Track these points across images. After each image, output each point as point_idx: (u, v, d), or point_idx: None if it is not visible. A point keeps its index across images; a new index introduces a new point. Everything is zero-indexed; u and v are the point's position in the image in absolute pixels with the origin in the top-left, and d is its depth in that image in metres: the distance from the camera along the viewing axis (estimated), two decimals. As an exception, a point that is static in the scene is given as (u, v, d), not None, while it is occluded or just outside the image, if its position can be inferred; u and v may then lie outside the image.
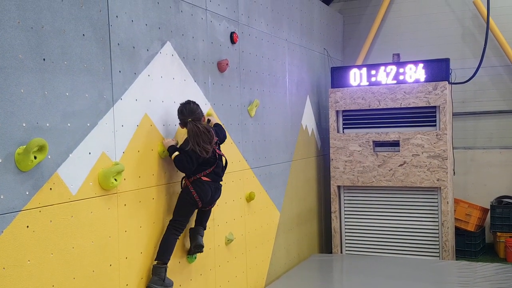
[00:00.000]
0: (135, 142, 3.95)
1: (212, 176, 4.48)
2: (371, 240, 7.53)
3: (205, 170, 4.39)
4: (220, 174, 4.61)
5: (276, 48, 6.56)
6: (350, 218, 7.68)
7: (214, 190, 4.53)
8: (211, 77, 5.08)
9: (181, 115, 4.32)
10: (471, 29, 8.66)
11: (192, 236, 4.58)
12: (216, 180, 4.55)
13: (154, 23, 4.20)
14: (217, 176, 4.55)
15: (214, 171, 4.49)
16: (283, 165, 6.75)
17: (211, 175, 4.46)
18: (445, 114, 6.93)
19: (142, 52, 4.05)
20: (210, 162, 4.43)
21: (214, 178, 4.52)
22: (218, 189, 4.61)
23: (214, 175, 4.50)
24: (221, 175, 4.62)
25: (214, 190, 4.53)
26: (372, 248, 7.52)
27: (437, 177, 7.00)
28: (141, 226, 4.01)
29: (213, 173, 4.48)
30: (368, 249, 7.55)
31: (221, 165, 4.62)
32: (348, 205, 7.70)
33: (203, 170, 4.39)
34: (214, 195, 4.57)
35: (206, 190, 4.41)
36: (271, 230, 6.39)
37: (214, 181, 4.50)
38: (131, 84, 3.91)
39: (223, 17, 5.30)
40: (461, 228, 7.95)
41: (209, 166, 4.42)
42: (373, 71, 7.45)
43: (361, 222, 7.60)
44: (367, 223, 7.56)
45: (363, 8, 9.45)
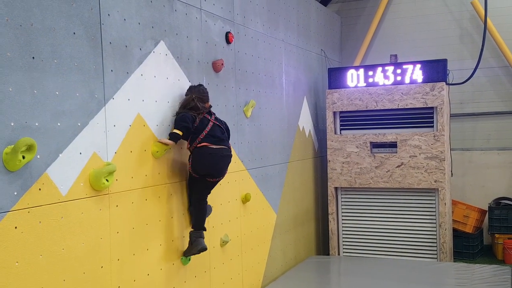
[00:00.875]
0: (127, 142, 3.90)
1: (210, 140, 4.42)
2: (369, 242, 7.48)
3: (197, 137, 4.38)
4: (221, 136, 4.52)
5: (272, 48, 6.52)
6: (348, 220, 7.63)
7: (218, 157, 4.45)
8: (206, 77, 5.03)
9: (187, 91, 4.55)
10: (469, 30, 8.62)
11: (194, 240, 4.51)
12: (217, 143, 4.45)
13: (147, 22, 4.16)
14: (216, 139, 4.46)
15: (210, 135, 4.43)
16: (280, 167, 6.70)
17: (207, 139, 4.41)
18: (442, 115, 6.89)
19: (135, 51, 4.01)
20: (200, 129, 4.41)
21: (212, 141, 4.43)
22: (223, 156, 4.51)
23: (211, 137, 4.43)
24: (222, 138, 4.54)
25: (218, 157, 4.45)
26: (370, 250, 7.47)
27: (435, 178, 6.95)
28: (134, 228, 3.96)
29: (209, 136, 4.42)
30: (366, 251, 7.50)
31: (221, 130, 4.57)
32: (345, 207, 7.64)
33: (196, 138, 4.39)
34: (218, 162, 4.48)
35: (204, 158, 4.38)
36: (267, 231, 6.34)
37: (213, 144, 4.42)
38: (123, 83, 3.86)
39: (218, 17, 5.26)
40: (459, 229, 7.90)
41: (201, 131, 4.41)
42: (371, 72, 7.40)
43: (358, 224, 7.56)
44: (365, 224, 7.51)
45: (360, 9, 9.41)
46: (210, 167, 4.47)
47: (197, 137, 4.42)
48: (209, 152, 4.42)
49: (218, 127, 4.59)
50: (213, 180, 4.58)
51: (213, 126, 4.53)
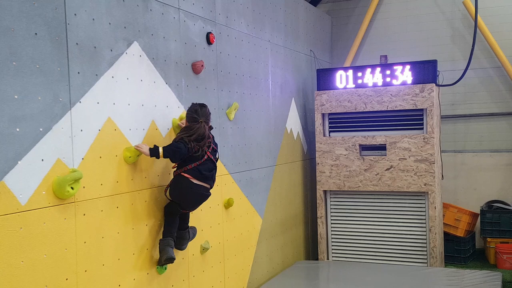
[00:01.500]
0: (96, 148, 3.73)
1: (195, 174, 4.30)
2: (358, 246, 7.33)
3: (186, 165, 4.28)
4: (207, 174, 4.39)
5: (257, 49, 6.36)
6: (337, 224, 7.48)
7: (195, 194, 4.34)
8: (185, 79, 4.87)
9: (194, 113, 4.33)
10: (460, 30, 8.47)
11: (162, 248, 4.34)
12: (200, 179, 4.34)
13: (119, 22, 4.00)
14: (202, 176, 4.34)
15: (198, 169, 4.31)
16: (266, 170, 6.54)
17: (193, 172, 4.29)
18: (432, 117, 6.74)
19: (105, 52, 3.84)
20: (193, 158, 4.29)
21: (198, 176, 4.32)
22: (200, 195, 4.41)
23: (197, 172, 4.31)
24: (208, 176, 4.41)
25: (195, 193, 4.34)
26: (359, 255, 7.33)
27: (424, 181, 6.80)
28: (103, 237, 3.79)
29: (196, 170, 4.30)
30: (355, 255, 7.35)
31: (211, 166, 4.45)
32: (334, 210, 7.49)
33: (185, 166, 4.28)
34: (196, 198, 4.39)
35: (181, 189, 4.29)
36: (252, 237, 6.18)
37: (197, 179, 4.31)
38: (91, 86, 3.70)
39: (198, 17, 5.10)
40: (450, 233, 7.76)
41: (190, 162, 4.29)
42: (360, 73, 7.25)
43: (348, 228, 7.41)
44: (354, 228, 7.36)
45: (351, 9, 9.26)
46: (183, 200, 4.39)
47: (185, 166, 4.31)
48: (189, 185, 4.32)
49: (211, 161, 4.45)
50: (182, 211, 4.47)
51: (206, 160, 4.40)
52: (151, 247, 4.33)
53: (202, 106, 4.46)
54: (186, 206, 4.45)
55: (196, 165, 4.32)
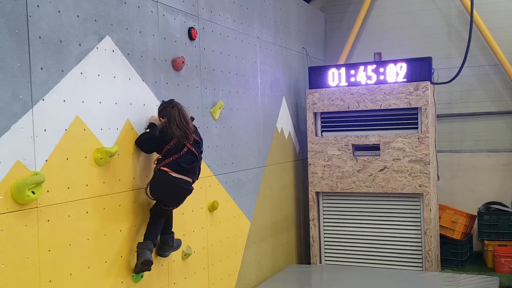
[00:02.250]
0: (62, 149, 3.49)
1: (174, 167, 4.12)
2: (351, 249, 7.10)
3: (165, 159, 4.13)
4: (186, 167, 4.18)
5: (245, 46, 6.12)
6: (330, 226, 7.24)
7: (174, 187, 4.15)
8: (164, 76, 4.63)
9: (162, 105, 4.26)
10: (457, 26, 8.23)
11: (139, 252, 4.11)
12: (179, 172, 4.14)
13: (88, 15, 3.75)
14: (181, 168, 4.14)
15: (177, 162, 4.12)
16: (255, 171, 6.30)
17: (172, 165, 4.12)
18: (427, 116, 6.50)
19: (73, 47, 3.60)
20: (172, 152, 4.13)
21: (177, 169, 4.13)
22: (180, 188, 4.19)
23: (176, 165, 4.13)
24: (187, 168, 4.20)
25: (175, 186, 4.15)
26: (353, 258, 7.09)
27: (419, 182, 6.56)
28: (71, 244, 3.55)
29: (175, 163, 4.12)
30: (348, 259, 7.11)
31: (192, 158, 4.24)
32: (327, 213, 7.25)
33: (164, 160, 4.13)
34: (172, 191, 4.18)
35: (160, 183, 4.13)
36: (239, 241, 5.94)
37: (176, 172, 4.12)
38: (57, 83, 3.46)
39: (179, 11, 4.86)
40: (447, 236, 7.52)
41: (169, 156, 4.14)
42: (353, 71, 7.01)
43: (340, 231, 7.17)
44: (347, 231, 7.12)
45: (345, 6, 9.02)
46: (163, 195, 4.20)
47: (164, 160, 4.15)
48: (167, 179, 4.13)
49: (191, 154, 4.25)
50: (165, 207, 4.25)
51: (186, 153, 4.21)
52: (127, 254, 4.09)
53: (170, 100, 4.37)
54: (167, 201, 4.22)
55: (175, 158, 4.15)
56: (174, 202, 4.29)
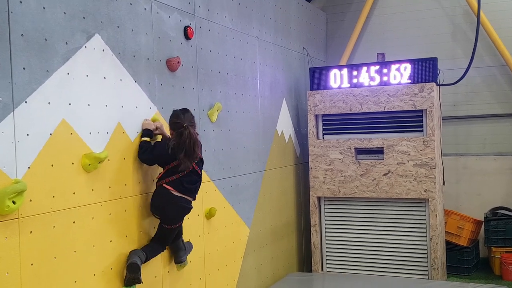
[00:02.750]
0: (47, 155, 3.26)
1: (177, 186, 4.07)
2: (354, 256, 6.86)
3: (168, 177, 4.06)
4: (189, 187, 4.15)
5: (244, 46, 5.89)
6: (332, 233, 7.00)
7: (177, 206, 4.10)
8: (158, 77, 4.39)
9: (176, 118, 4.11)
10: (462, 26, 8.00)
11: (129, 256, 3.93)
12: (183, 191, 4.10)
13: (76, 11, 3.52)
14: (184, 188, 4.10)
15: (180, 181, 4.07)
16: (254, 176, 6.07)
17: (175, 184, 4.06)
18: (432, 119, 6.26)
19: (59, 45, 3.37)
20: (177, 170, 4.05)
21: (180, 188, 4.08)
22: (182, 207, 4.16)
23: (179, 184, 4.07)
24: (190, 188, 4.17)
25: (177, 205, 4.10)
26: (355, 266, 6.85)
27: (425, 187, 6.33)
28: (56, 257, 3.31)
29: (178, 182, 4.07)
30: (351, 266, 6.87)
31: (195, 178, 4.19)
32: (329, 218, 7.02)
33: (167, 177, 4.07)
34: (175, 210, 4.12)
35: (160, 200, 4.06)
36: (238, 248, 5.70)
37: (178, 191, 4.07)
38: (41, 84, 3.22)
39: (174, 9, 4.63)
40: (453, 242, 7.28)
41: (173, 174, 4.06)
42: (355, 72, 6.78)
43: (343, 237, 6.92)
44: (350, 238, 6.88)
45: (347, 5, 8.79)
46: (163, 212, 4.13)
47: (167, 178, 4.08)
48: (169, 197, 4.07)
49: (195, 173, 4.19)
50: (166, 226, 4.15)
51: (190, 172, 4.14)
52: (117, 266, 3.85)
53: (185, 111, 4.22)
54: (166, 219, 4.14)
55: (179, 176, 4.08)
56: (173, 220, 4.17)
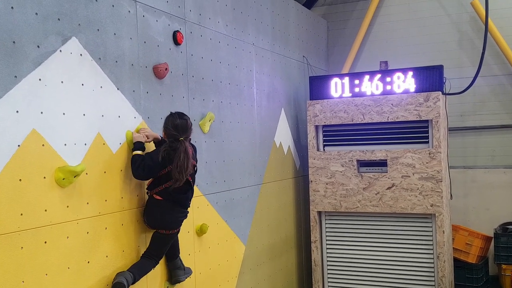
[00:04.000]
0: (14, 168, 2.96)
1: (167, 196, 3.93)
2: (357, 275, 6.52)
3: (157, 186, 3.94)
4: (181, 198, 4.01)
5: (239, 53, 5.61)
6: (333, 249, 6.66)
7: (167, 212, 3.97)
8: (144, 84, 4.11)
9: (173, 130, 3.93)
10: (469, 34, 7.71)
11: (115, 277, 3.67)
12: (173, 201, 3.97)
13: (50, 12, 3.24)
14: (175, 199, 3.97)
15: (170, 191, 3.92)
16: (250, 189, 5.76)
17: (165, 194, 3.93)
18: (438, 130, 5.94)
19: (29, 49, 3.08)
20: (165, 178, 3.92)
21: (170, 199, 3.94)
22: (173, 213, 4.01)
23: (170, 195, 3.93)
24: (182, 199, 4.03)
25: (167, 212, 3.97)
26: (358, 284, 6.52)
27: (431, 202, 5.99)
28: (24, 281, 3.00)
29: (167, 192, 3.92)
30: (354, 285, 6.55)
31: (185, 188, 4.02)
32: (330, 234, 6.68)
33: (156, 187, 3.95)
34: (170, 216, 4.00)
35: (154, 210, 3.95)
36: (232, 267, 5.38)
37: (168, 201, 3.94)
38: (8, 90, 2.93)
39: (162, 12, 4.35)
40: (461, 259, 6.94)
41: (162, 183, 3.93)
42: (357, 81, 6.49)
43: (345, 254, 6.59)
44: (352, 255, 6.55)
45: (349, 13, 8.52)
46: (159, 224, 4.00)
47: (157, 187, 3.95)
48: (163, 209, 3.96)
49: (186, 182, 4.01)
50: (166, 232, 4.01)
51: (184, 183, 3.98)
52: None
53: (182, 117, 4.02)
54: (165, 223, 4.01)
55: (168, 186, 3.93)
56: (171, 225, 4.04)
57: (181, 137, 3.92)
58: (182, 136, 3.93)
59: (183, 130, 3.95)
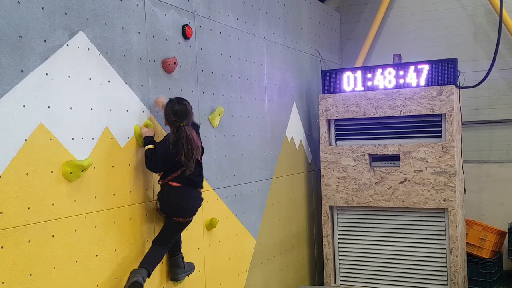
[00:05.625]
0: (21, 162, 2.98)
1: (184, 181, 3.95)
2: (369, 269, 6.49)
3: (172, 173, 3.92)
4: (197, 180, 4.07)
5: (249, 46, 5.58)
6: (345, 243, 6.63)
7: (187, 198, 4.00)
8: (152, 78, 4.10)
9: (173, 116, 3.89)
10: (484, 26, 7.58)
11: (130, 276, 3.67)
12: (191, 185, 4.01)
13: (56, 7, 3.25)
14: (191, 182, 3.99)
15: (183, 176, 3.92)
16: (260, 184, 5.75)
17: (181, 180, 3.93)
18: (452, 123, 5.87)
19: (36, 43, 3.09)
20: (180, 164, 3.89)
21: (187, 183, 3.96)
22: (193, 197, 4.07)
23: (186, 179, 3.95)
24: (198, 181, 4.09)
25: (187, 197, 4.00)
26: (370, 279, 6.48)
27: (444, 196, 5.93)
28: (31, 274, 3.02)
29: (184, 177, 3.92)
30: (365, 279, 6.51)
31: (198, 170, 4.09)
32: (342, 228, 6.65)
33: (171, 174, 3.93)
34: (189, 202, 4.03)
35: (172, 197, 3.95)
36: (243, 261, 5.38)
37: (186, 185, 3.96)
38: (14, 85, 2.95)
39: (171, 6, 4.34)
40: (475, 254, 6.85)
41: (176, 169, 3.91)
42: (369, 74, 6.42)
43: (357, 248, 6.56)
44: (364, 249, 6.51)
45: (362, 5, 8.44)
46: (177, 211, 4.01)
47: (172, 174, 3.94)
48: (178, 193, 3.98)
49: (198, 164, 4.05)
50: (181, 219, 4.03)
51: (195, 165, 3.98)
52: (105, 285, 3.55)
53: (182, 104, 3.96)
54: (181, 210, 4.02)
55: (183, 170, 3.91)
56: (186, 212, 4.05)
57: (182, 123, 3.88)
58: (184, 121, 3.89)
59: (183, 115, 3.91)
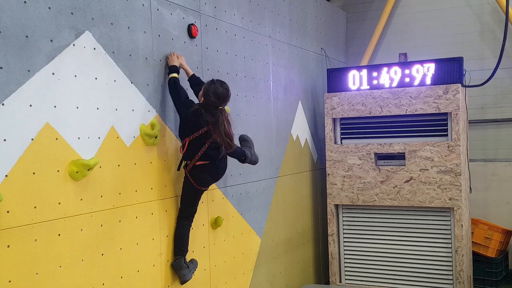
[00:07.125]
0: (27, 161, 3.00)
1: (207, 157, 4.08)
2: (374, 268, 6.48)
3: (196, 153, 4.03)
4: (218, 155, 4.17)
5: (255, 45, 5.58)
6: (350, 242, 6.63)
7: (214, 169, 4.20)
8: (158, 78, 4.11)
9: (215, 98, 3.96)
10: (490, 25, 7.55)
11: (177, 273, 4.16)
12: (215, 157, 4.14)
13: (63, 6, 3.26)
14: (215, 154, 4.12)
15: (209, 155, 4.07)
16: (266, 182, 5.75)
17: (205, 157, 4.07)
18: (458, 122, 5.86)
19: (42, 43, 3.11)
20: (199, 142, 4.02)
21: (211, 155, 4.10)
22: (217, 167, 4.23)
23: (208, 157, 4.09)
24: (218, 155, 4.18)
25: (214, 168, 4.19)
26: (375, 278, 6.48)
27: (450, 195, 5.92)
28: (38, 273, 3.04)
29: (205, 155, 4.06)
30: (371, 278, 6.51)
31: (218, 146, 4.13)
32: (347, 227, 6.65)
33: (195, 154, 4.03)
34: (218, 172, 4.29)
35: (205, 174, 4.14)
36: (248, 260, 5.39)
37: (212, 158, 4.12)
38: (21, 84, 2.96)
39: (177, 6, 4.35)
40: (480, 253, 6.84)
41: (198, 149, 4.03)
42: (375, 73, 6.41)
43: (362, 247, 6.55)
44: (370, 248, 6.51)
45: (368, 4, 8.42)
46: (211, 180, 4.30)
47: (194, 156, 4.06)
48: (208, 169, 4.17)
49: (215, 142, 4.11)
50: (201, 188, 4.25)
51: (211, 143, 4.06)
52: (111, 283, 3.57)
53: (223, 86, 4.05)
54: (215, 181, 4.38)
55: (206, 148, 4.04)
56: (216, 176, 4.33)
57: (220, 106, 3.99)
58: (222, 105, 4.01)
59: (223, 99, 4.02)
